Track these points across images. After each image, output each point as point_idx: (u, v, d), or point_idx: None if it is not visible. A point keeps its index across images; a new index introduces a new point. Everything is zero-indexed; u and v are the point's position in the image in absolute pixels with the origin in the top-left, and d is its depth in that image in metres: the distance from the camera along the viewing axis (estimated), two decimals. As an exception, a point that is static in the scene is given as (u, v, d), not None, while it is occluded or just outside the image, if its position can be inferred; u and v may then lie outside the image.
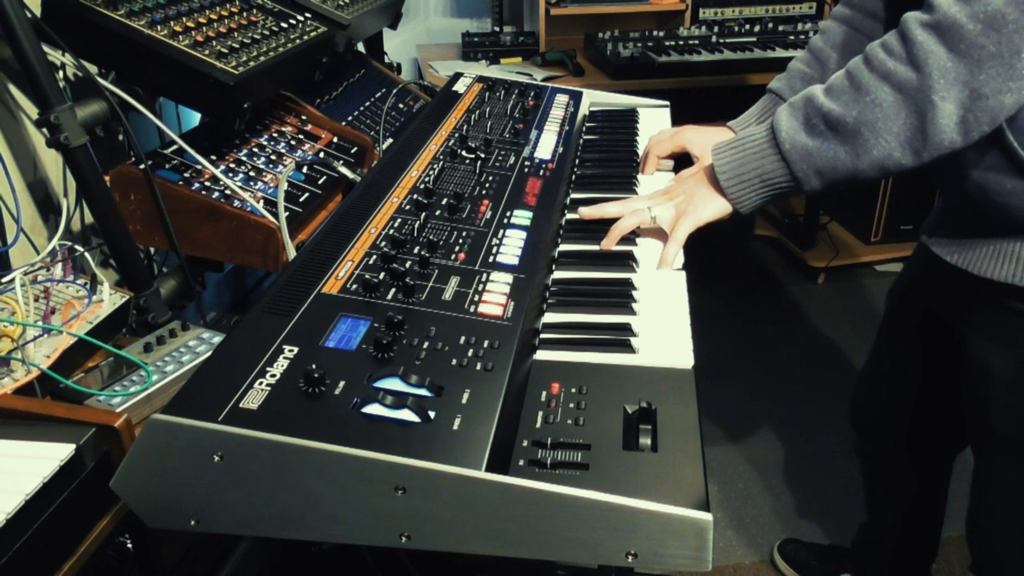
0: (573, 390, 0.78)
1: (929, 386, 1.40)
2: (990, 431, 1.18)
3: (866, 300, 2.97)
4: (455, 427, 0.67)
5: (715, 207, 1.06)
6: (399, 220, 1.01)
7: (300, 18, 1.47)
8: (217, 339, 1.01)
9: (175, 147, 1.23)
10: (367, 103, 1.68)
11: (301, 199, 1.26)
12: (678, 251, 1.04)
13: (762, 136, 1.02)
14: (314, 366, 0.70)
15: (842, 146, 0.95)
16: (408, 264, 0.91)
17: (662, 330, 0.89)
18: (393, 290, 0.85)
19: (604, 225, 1.11)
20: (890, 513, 1.62)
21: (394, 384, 0.71)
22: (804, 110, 0.98)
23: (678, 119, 1.56)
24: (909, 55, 0.90)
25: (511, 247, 0.97)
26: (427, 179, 1.13)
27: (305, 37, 1.41)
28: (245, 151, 1.32)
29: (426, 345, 0.77)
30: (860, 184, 0.98)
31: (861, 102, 0.93)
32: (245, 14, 1.39)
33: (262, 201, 1.21)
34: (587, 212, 1.12)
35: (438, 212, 1.04)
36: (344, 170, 1.32)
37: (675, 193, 1.10)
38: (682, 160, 1.30)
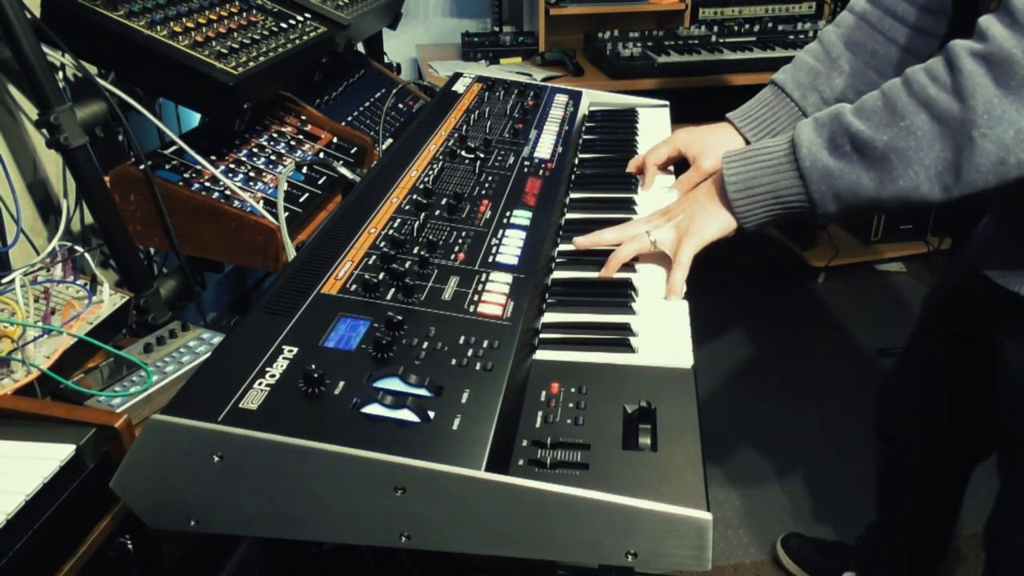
0: (573, 390, 0.78)
1: (962, 395, 1.39)
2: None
3: (866, 299, 2.97)
4: (455, 427, 0.67)
5: (718, 224, 0.99)
6: (399, 220, 1.01)
7: (300, 18, 1.47)
8: (217, 339, 1.01)
9: (175, 147, 1.23)
10: (367, 103, 1.68)
11: (301, 199, 1.26)
12: (684, 276, 0.98)
13: (780, 150, 0.95)
14: (314, 366, 0.70)
15: (867, 171, 0.88)
16: (408, 264, 0.91)
17: (662, 330, 0.89)
18: (393, 290, 0.85)
19: (606, 227, 1.11)
20: (905, 516, 1.62)
21: (394, 384, 0.71)
22: (830, 127, 0.91)
23: (678, 119, 1.56)
24: (955, 85, 0.82)
25: (511, 247, 0.97)
26: (427, 179, 1.13)
27: (305, 37, 1.41)
28: (245, 151, 1.32)
29: (426, 345, 0.77)
30: (877, 213, 0.93)
31: (895, 127, 0.86)
32: (245, 14, 1.39)
33: (262, 201, 1.21)
34: (582, 241, 1.05)
35: (438, 212, 1.04)
36: (344, 170, 1.32)
37: (675, 212, 1.04)
38: (682, 165, 1.28)
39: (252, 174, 1.27)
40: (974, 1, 1.08)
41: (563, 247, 1.08)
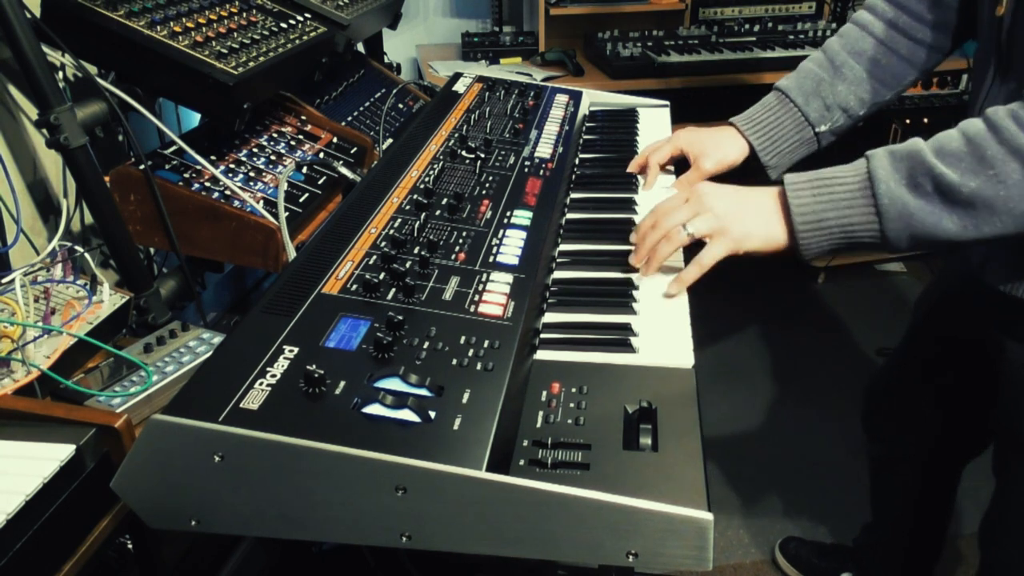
0: (573, 390, 0.78)
1: (953, 396, 1.39)
2: (1022, 444, 1.16)
3: (866, 299, 2.97)
4: (456, 427, 0.67)
5: (766, 236, 0.93)
6: (399, 220, 1.01)
7: (300, 18, 1.47)
8: (217, 339, 1.01)
9: (175, 147, 1.23)
10: (367, 103, 1.68)
11: (301, 199, 1.26)
12: (698, 276, 0.93)
13: (854, 182, 0.90)
14: (314, 366, 0.70)
15: (950, 214, 0.85)
16: (408, 264, 0.91)
17: (662, 330, 0.89)
18: (393, 290, 0.85)
19: (607, 227, 1.11)
20: (897, 515, 1.62)
21: (394, 384, 0.71)
22: (908, 163, 0.87)
23: (678, 119, 1.56)
24: None
25: (511, 247, 0.97)
26: (427, 179, 1.13)
27: (305, 37, 1.41)
28: (245, 151, 1.32)
29: (426, 345, 0.77)
30: (948, 249, 0.90)
31: (983, 175, 0.83)
32: (245, 14, 1.38)
33: (262, 201, 1.21)
34: (638, 260, 1.00)
35: (438, 212, 1.04)
36: (344, 170, 1.32)
37: (717, 202, 0.95)
38: (682, 165, 1.29)
39: (252, 174, 1.27)
40: (974, 19, 1.10)
41: (564, 247, 1.08)
